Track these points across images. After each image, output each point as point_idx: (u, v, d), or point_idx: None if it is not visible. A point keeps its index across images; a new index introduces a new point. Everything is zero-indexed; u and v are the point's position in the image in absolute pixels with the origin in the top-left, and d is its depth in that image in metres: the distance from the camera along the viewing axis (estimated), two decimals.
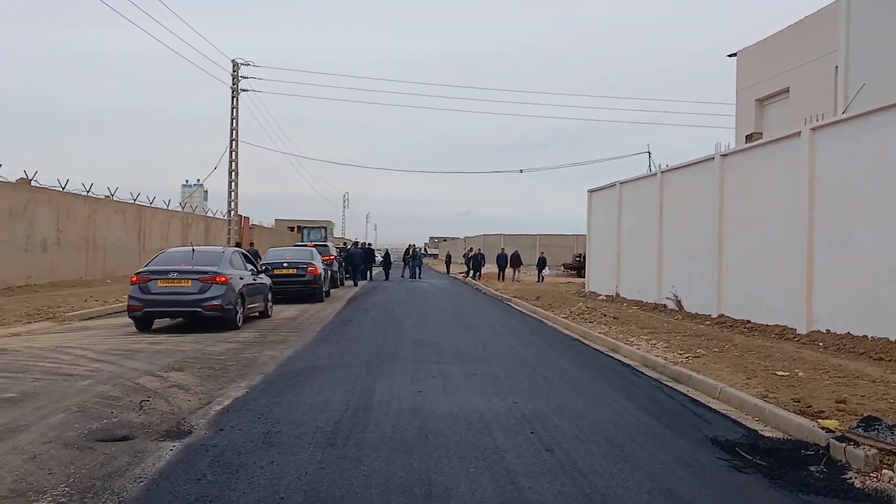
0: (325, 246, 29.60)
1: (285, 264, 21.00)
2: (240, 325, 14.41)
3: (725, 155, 17.81)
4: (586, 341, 14.50)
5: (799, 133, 14.31)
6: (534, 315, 20.17)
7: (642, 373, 10.77)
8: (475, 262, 44.31)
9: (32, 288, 23.26)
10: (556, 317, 18.61)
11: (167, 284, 13.73)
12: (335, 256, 29.03)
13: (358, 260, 35.38)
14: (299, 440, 6.04)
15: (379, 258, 40.95)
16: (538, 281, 40.36)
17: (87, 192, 29.20)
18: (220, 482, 4.90)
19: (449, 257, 59.77)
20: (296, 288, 20.94)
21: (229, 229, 45.61)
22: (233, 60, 45.71)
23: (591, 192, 29.45)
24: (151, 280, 13.78)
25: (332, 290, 26.55)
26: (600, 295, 26.79)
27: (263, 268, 20.25)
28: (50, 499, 4.53)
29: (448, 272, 51.48)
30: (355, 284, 33.82)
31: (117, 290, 22.78)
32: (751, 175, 16.46)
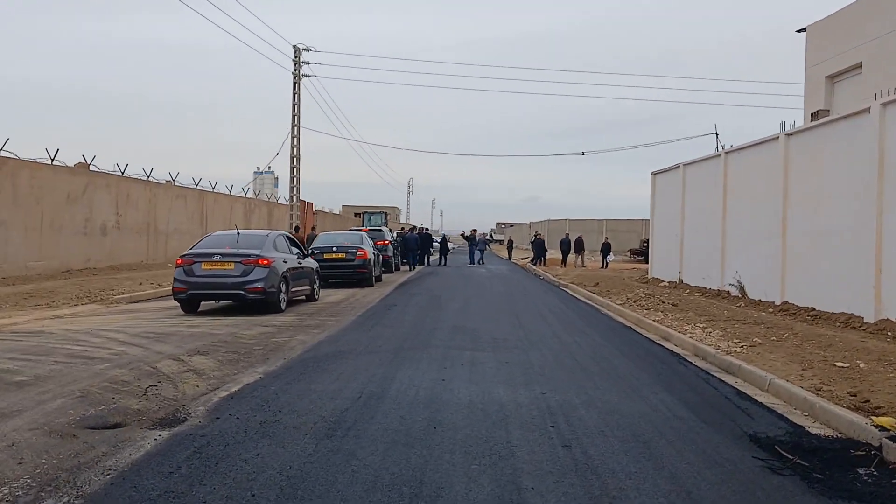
0: (380, 230, 29.37)
1: (334, 248, 20.79)
2: (283, 308, 14.22)
3: (790, 134, 16.85)
4: (638, 329, 13.87)
5: (868, 109, 13.33)
6: (588, 301, 19.53)
7: (690, 362, 10.13)
8: (537, 247, 43.55)
9: (91, 271, 23.64)
10: (611, 303, 17.94)
11: (211, 267, 13.62)
12: (389, 241, 28.74)
13: (413, 244, 35.05)
14: (296, 431, 5.67)
15: (436, 243, 40.49)
16: (602, 267, 39.44)
17: (148, 176, 29.56)
18: (193, 476, 4.55)
19: (511, 243, 59.04)
20: (345, 272, 20.73)
21: (291, 214, 45.95)
22: (294, 46, 45.88)
23: (654, 174, 28.50)
24: (196, 263, 13.69)
25: (385, 275, 26.33)
26: (663, 281, 25.91)
27: (311, 252, 20.14)
28: (7, 491, 4.23)
29: (510, 258, 50.85)
30: (411, 269, 33.57)
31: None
32: (816, 155, 15.50)
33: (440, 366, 8.70)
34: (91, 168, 25.21)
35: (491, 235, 47.92)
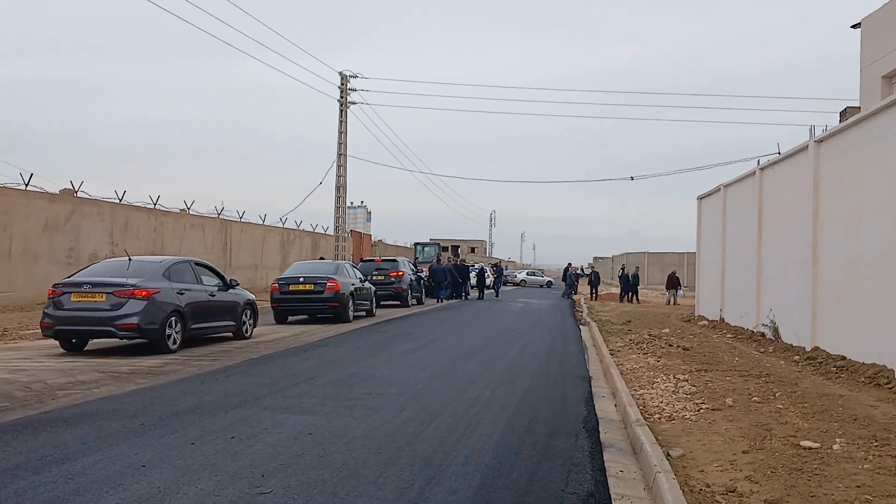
0: (394, 261, 27.20)
1: (301, 279, 18.66)
2: (172, 348, 12.07)
3: (820, 140, 13.77)
4: (597, 381, 11.12)
5: None
6: (589, 342, 16.62)
7: (589, 433, 7.36)
8: (624, 281, 40.32)
9: None
10: (604, 346, 15.12)
11: (80, 299, 11.65)
12: (403, 273, 26.52)
13: (441, 276, 32.78)
14: None
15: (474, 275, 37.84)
16: (668, 303, 35.89)
17: (154, 204, 28.24)
18: None
19: (596, 277, 54.29)
20: (313, 305, 18.55)
21: (337, 245, 44.29)
22: (340, 73, 44.57)
23: (700, 198, 25.36)
24: (65, 294, 11.74)
25: (396, 309, 25.16)
26: (704, 320, 22.72)
27: (277, 282, 18.16)
28: None
29: (593, 294, 45.05)
30: (438, 302, 31.28)
31: None
32: (849, 162, 12.43)
33: (226, 440, 6.25)
34: (80, 194, 23.91)
35: (581, 270, 44.67)
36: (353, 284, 19.58)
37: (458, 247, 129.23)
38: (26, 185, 21.52)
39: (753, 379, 10.79)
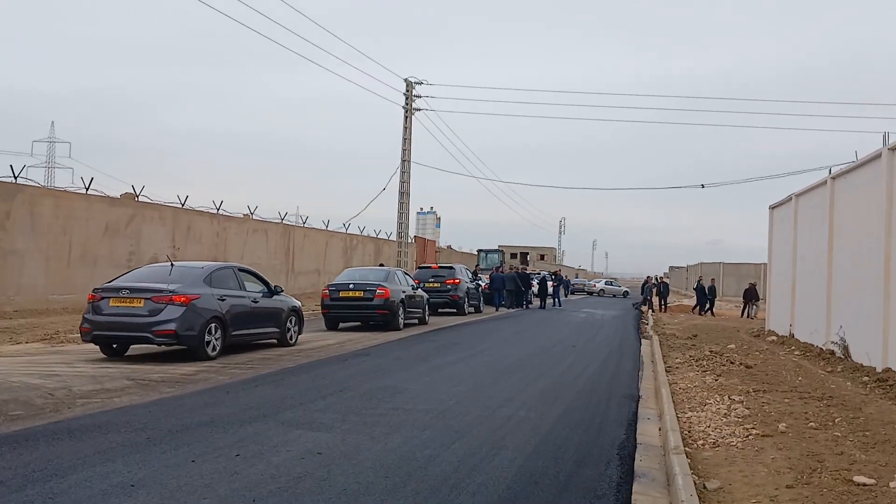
0: (451, 268, 26.86)
1: (351, 286, 18.47)
2: (212, 355, 11.95)
3: (895, 148, 12.92)
4: (648, 400, 10.55)
5: None
6: (647, 358, 15.94)
7: (626, 462, 6.86)
8: (700, 293, 39.16)
9: None
10: (659, 362, 14.47)
11: (119, 304, 11.59)
12: (459, 280, 26.14)
13: (500, 284, 32.35)
14: None
15: (536, 284, 37.18)
16: (744, 316, 34.54)
17: (218, 209, 28.53)
18: None
19: (664, 287, 52.16)
20: (363, 313, 18.33)
21: (399, 251, 44.21)
22: (406, 80, 44.53)
23: (772, 208, 24.32)
24: (104, 299, 11.75)
25: (451, 317, 25.14)
26: (774, 335, 21.72)
27: (328, 288, 18.03)
28: None
29: (661, 305, 42.94)
30: (496, 310, 30.88)
31: None
32: None
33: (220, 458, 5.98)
34: (141, 199, 24.27)
35: (656, 279, 43.42)
36: (403, 292, 19.35)
37: (528, 254, 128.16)
38: (87, 190, 21.89)
39: (814, 402, 10.10)
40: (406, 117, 44.87)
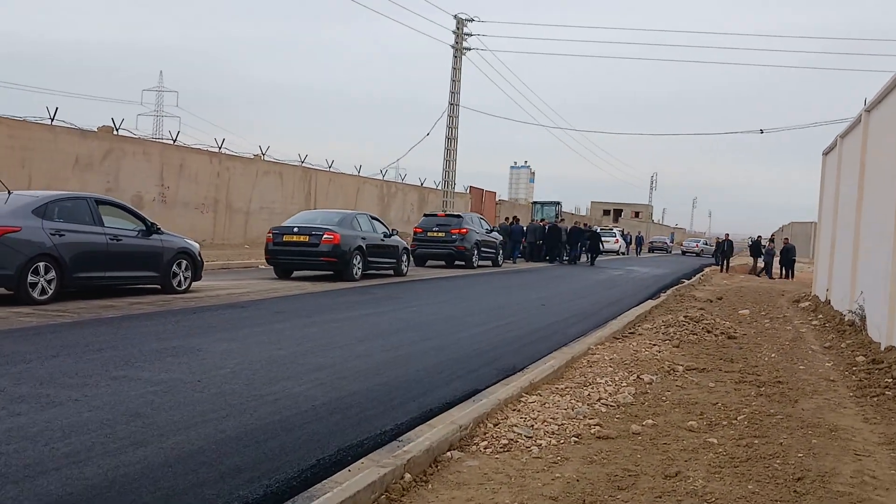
0: (458, 217, 24.43)
1: (295, 229, 16.41)
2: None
3: None
4: (519, 377, 8.16)
5: None
6: (619, 323, 13.33)
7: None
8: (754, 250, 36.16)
9: None
10: (620, 327, 11.99)
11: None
12: (467, 230, 23.74)
13: (518, 236, 30.13)
14: None
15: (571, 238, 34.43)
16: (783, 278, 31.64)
17: (220, 148, 26.94)
18: None
19: (729, 246, 47.31)
20: (305, 260, 16.27)
21: (444, 201, 42.00)
22: (455, 16, 41.96)
23: (824, 154, 21.05)
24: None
25: (456, 269, 23.50)
26: (812, 301, 18.75)
27: (273, 234, 16.15)
28: None
29: (724, 266, 39.16)
30: (513, 262, 29.68)
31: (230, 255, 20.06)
32: None
33: None
34: (121, 132, 22.81)
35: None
36: (363, 238, 17.26)
37: (622, 211, 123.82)
38: (52, 120, 20.52)
39: (750, 388, 7.68)
40: (455, 57, 42.32)
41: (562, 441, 5.50)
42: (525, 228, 31.84)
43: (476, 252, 24.24)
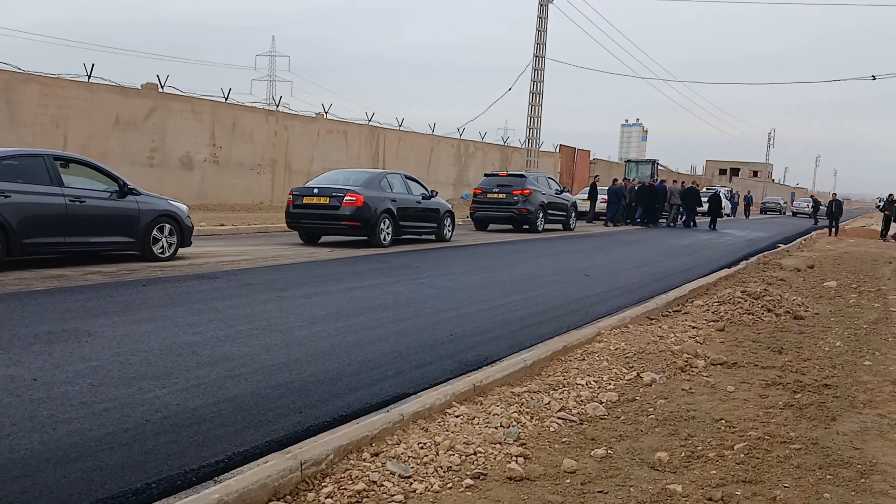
0: (522, 177, 22.53)
1: (315, 191, 14.99)
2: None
3: None
4: (483, 373, 6.52)
5: None
6: (669, 297, 11.42)
7: None
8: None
9: None
10: (663, 303, 10.15)
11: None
12: (531, 191, 21.84)
13: (614, 198, 29.64)
14: None
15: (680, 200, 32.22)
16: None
17: (277, 105, 25.92)
18: None
19: (837, 206, 43.24)
20: (325, 224, 14.86)
21: (528, 160, 39.97)
22: None
23: None
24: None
25: (533, 231, 22.52)
26: None
27: (293, 195, 14.90)
28: None
29: (833, 228, 35.58)
30: (605, 225, 28.86)
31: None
32: None
33: None
34: (166, 90, 21.97)
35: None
36: (393, 200, 15.68)
37: (739, 170, 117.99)
38: (88, 78, 19.79)
39: (782, 395, 5.89)
40: (541, 5, 39.92)
41: (448, 486, 3.91)
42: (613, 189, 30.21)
43: (542, 215, 22.39)
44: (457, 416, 4.95)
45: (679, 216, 32.25)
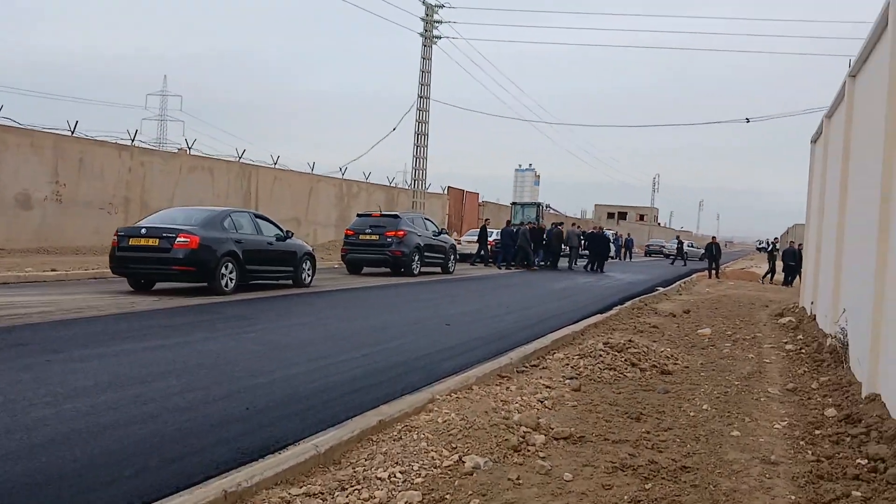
0: (396, 218, 21.31)
1: (143, 230, 13.33)
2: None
3: None
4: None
5: None
6: (530, 349, 10.23)
7: None
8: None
9: None
10: (527, 358, 8.95)
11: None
12: (405, 232, 20.63)
13: (507, 240, 29.22)
14: None
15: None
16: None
17: (132, 140, 24.01)
18: None
19: (716, 248, 43.28)
20: (153, 269, 13.19)
21: (414, 202, 38.94)
22: (424, 2, 38.86)
23: (813, 142, 17.93)
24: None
25: (408, 274, 21.23)
26: (794, 316, 15.77)
27: (119, 236, 13.18)
28: None
29: (713, 270, 35.96)
30: (498, 268, 28.83)
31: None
32: None
33: None
34: (1, 122, 19.89)
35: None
36: (236, 242, 14.07)
37: (626, 214, 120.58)
38: None
39: (630, 484, 4.73)
40: (424, 46, 39.26)
41: None
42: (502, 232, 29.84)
43: (418, 257, 21.17)
44: None
45: (576, 259, 32.24)
